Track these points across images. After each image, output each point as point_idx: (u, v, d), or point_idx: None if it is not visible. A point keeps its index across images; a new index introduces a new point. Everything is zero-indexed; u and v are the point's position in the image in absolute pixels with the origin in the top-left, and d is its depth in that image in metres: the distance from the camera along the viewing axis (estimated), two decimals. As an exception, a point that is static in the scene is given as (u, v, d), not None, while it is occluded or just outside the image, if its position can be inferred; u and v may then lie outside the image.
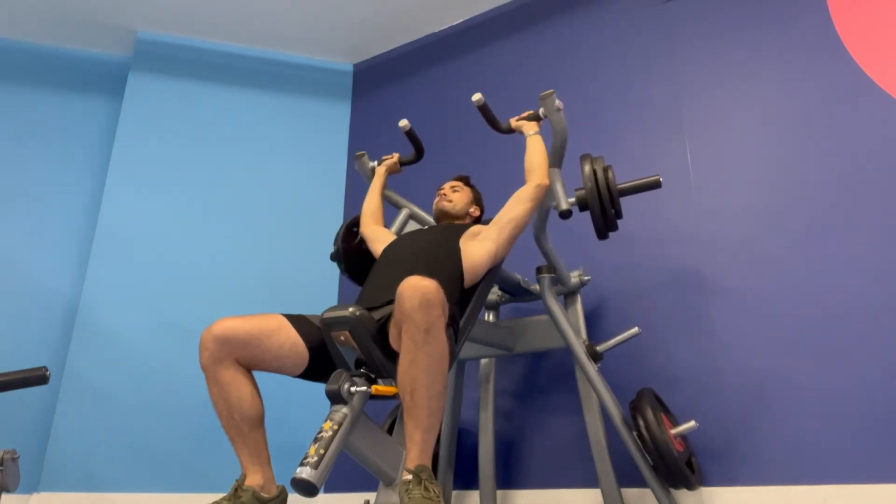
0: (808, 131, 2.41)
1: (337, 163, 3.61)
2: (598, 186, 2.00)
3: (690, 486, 1.96)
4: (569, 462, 2.41)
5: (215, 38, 3.66)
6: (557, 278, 2.25)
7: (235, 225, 3.33)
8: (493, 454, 2.37)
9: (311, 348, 1.68)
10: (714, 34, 2.74)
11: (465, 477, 2.53)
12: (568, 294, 2.40)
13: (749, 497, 2.08)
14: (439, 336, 1.47)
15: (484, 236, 1.97)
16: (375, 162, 2.55)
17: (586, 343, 2.16)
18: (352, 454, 1.53)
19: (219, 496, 1.54)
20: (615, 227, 2.08)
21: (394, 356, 1.58)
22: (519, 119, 2.23)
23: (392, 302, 1.56)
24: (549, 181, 2.06)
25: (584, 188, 2.03)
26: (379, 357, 1.59)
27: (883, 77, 2.32)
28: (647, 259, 2.55)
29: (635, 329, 2.18)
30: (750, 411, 2.18)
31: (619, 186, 2.03)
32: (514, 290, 2.41)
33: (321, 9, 3.45)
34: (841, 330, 2.12)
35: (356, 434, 1.50)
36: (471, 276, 1.87)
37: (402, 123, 2.41)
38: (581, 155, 2.11)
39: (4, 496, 1.95)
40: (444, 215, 2.23)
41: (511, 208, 2.01)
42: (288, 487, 1.51)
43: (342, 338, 1.59)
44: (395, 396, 1.55)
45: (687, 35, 2.80)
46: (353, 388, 1.49)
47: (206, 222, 3.30)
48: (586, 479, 2.29)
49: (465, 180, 2.34)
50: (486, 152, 3.05)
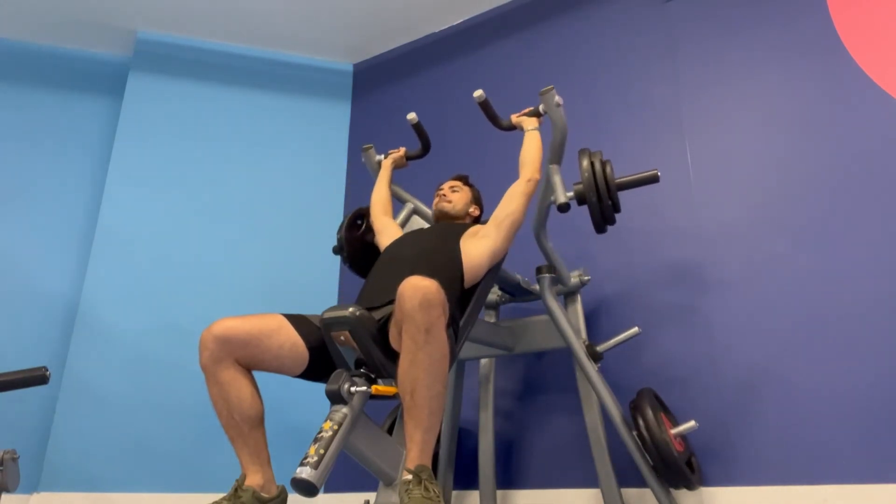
0: (808, 131, 2.41)
1: (337, 163, 3.62)
2: (596, 179, 2.00)
3: (690, 486, 1.96)
4: (569, 462, 2.41)
5: (215, 38, 3.66)
6: (557, 278, 2.25)
7: (235, 225, 3.33)
8: (493, 454, 2.37)
9: (311, 348, 1.68)
10: (714, 34, 2.74)
11: (465, 477, 2.53)
12: (568, 294, 2.40)
13: (749, 497, 2.08)
14: (440, 336, 1.47)
15: (483, 234, 1.98)
16: (382, 155, 2.56)
17: (586, 343, 2.16)
18: (352, 454, 1.53)
19: (219, 496, 1.54)
20: (613, 220, 2.07)
21: (394, 356, 1.58)
22: (519, 115, 2.24)
23: (392, 302, 1.57)
24: (541, 175, 2.08)
25: (582, 181, 2.03)
26: (379, 357, 1.60)
27: (883, 77, 2.32)
28: (647, 259, 2.55)
29: (635, 329, 2.18)
30: (750, 411, 2.18)
31: (616, 180, 2.03)
32: (514, 290, 2.42)
33: (321, 9, 3.45)
34: (841, 330, 2.12)
35: (356, 434, 1.50)
36: (471, 275, 1.87)
37: (411, 116, 2.42)
38: (580, 149, 2.11)
39: (4, 496, 1.95)
40: (443, 216, 2.24)
41: (506, 204, 2.02)
42: (288, 487, 1.51)
43: (342, 338, 1.59)
44: (395, 396, 1.55)
45: (687, 35, 2.80)
46: (353, 388, 1.49)
47: (206, 222, 3.30)
48: (586, 479, 2.29)
49: (465, 180, 2.35)
50: (487, 152, 3.05)
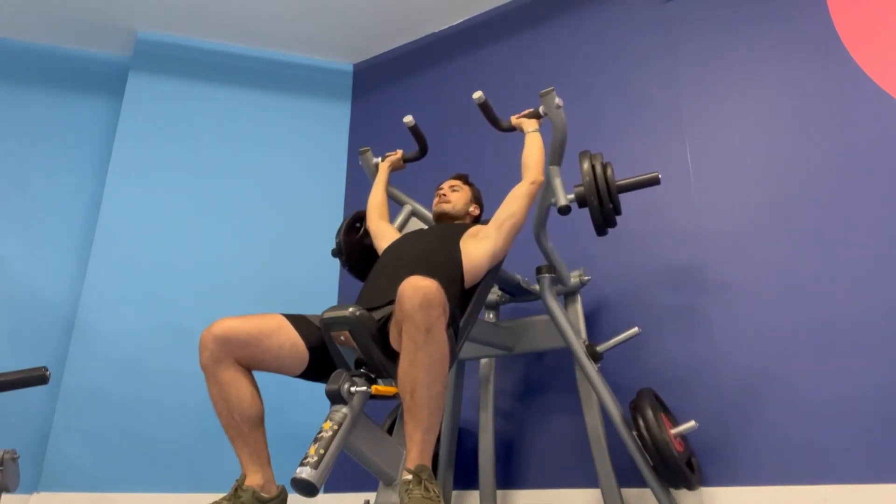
0: (808, 131, 2.41)
1: (337, 163, 3.62)
2: (597, 182, 2.00)
3: (690, 486, 1.96)
4: (569, 462, 2.41)
5: (215, 38, 3.66)
6: (557, 278, 2.25)
7: (235, 225, 3.33)
8: (493, 454, 2.37)
9: (311, 348, 1.68)
10: (714, 34, 2.74)
11: (465, 477, 2.53)
12: (568, 294, 2.40)
13: (749, 497, 2.08)
14: (440, 336, 1.47)
15: (483, 235, 1.97)
16: (379, 158, 2.55)
17: (586, 343, 2.16)
18: (352, 454, 1.53)
19: (219, 496, 1.54)
20: (614, 223, 2.07)
21: (394, 356, 1.58)
22: (519, 117, 2.23)
23: (392, 302, 1.57)
24: (544, 177, 2.08)
25: (583, 184, 2.03)
26: (379, 357, 1.60)
27: (883, 77, 2.32)
28: (647, 259, 2.55)
29: (635, 329, 2.18)
30: (750, 411, 2.18)
31: (617, 183, 2.03)
32: (514, 290, 2.41)
33: (321, 9, 3.45)
34: (841, 329, 2.12)
35: (356, 434, 1.50)
36: (471, 276, 1.87)
37: (407, 119, 2.42)
38: (580, 152, 2.11)
39: (4, 496, 1.95)
40: (443, 216, 2.23)
41: (507, 206, 2.01)
42: (288, 487, 1.51)
43: (342, 338, 1.59)
44: (395, 396, 1.55)
45: (687, 35, 2.80)
46: (353, 388, 1.49)
47: (206, 222, 3.30)
48: (586, 479, 2.29)
49: (464, 179, 2.34)
50: (487, 152, 3.05)
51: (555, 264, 2.24)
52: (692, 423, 1.94)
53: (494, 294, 2.49)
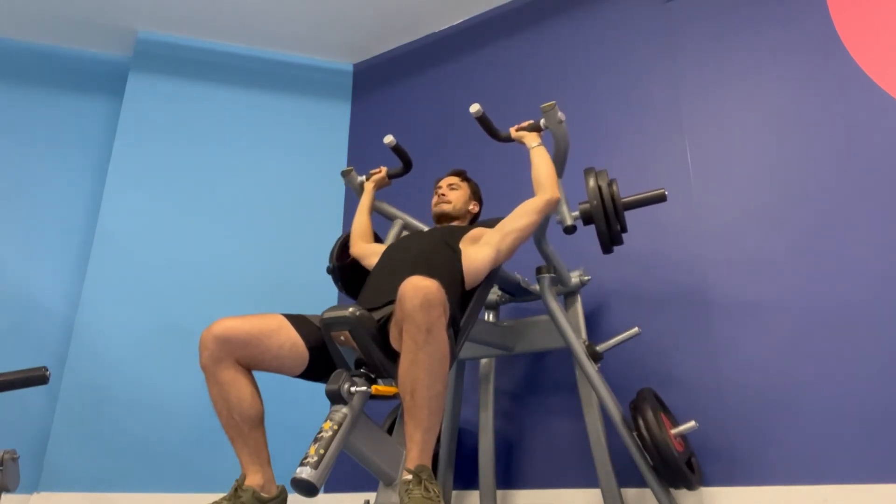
0: (808, 131, 2.41)
1: (337, 163, 3.61)
2: (604, 202, 2.00)
3: (690, 486, 1.96)
4: (569, 462, 2.41)
5: (215, 38, 3.66)
6: (557, 278, 2.25)
7: (235, 225, 3.33)
8: (493, 454, 2.37)
9: (311, 348, 1.68)
10: (714, 34, 2.74)
11: (465, 477, 2.53)
12: (568, 294, 2.40)
13: (749, 497, 2.08)
14: (440, 336, 1.47)
15: (485, 241, 1.95)
16: (364, 177, 2.53)
17: (586, 343, 2.16)
18: (352, 454, 1.53)
19: (219, 496, 1.54)
20: (620, 241, 2.08)
21: (394, 356, 1.58)
22: (519, 129, 2.19)
23: (392, 303, 1.57)
24: (560, 195, 2.03)
25: (590, 204, 2.03)
26: (379, 357, 1.60)
27: (883, 77, 2.32)
28: (646, 259, 2.55)
29: (635, 329, 2.18)
30: (750, 411, 2.18)
31: (623, 200, 2.03)
32: (514, 290, 2.41)
33: (321, 9, 3.45)
34: (841, 330, 2.12)
35: (356, 434, 1.50)
36: (471, 279, 1.87)
37: (388, 140, 2.37)
38: (585, 169, 2.11)
39: (4, 496, 1.95)
40: (443, 217, 2.23)
41: (517, 218, 1.97)
42: (288, 487, 1.51)
43: (342, 338, 1.59)
44: (395, 396, 1.55)
45: (687, 35, 2.80)
46: (353, 388, 1.49)
47: (206, 222, 3.30)
48: (586, 479, 2.29)
49: (462, 175, 2.33)
50: (486, 152, 3.04)
51: (555, 264, 2.24)
52: (692, 423, 1.94)
53: (494, 294, 2.49)
